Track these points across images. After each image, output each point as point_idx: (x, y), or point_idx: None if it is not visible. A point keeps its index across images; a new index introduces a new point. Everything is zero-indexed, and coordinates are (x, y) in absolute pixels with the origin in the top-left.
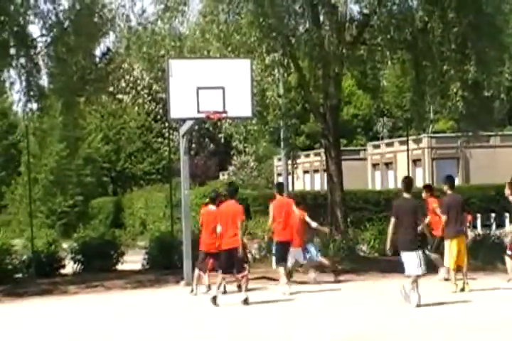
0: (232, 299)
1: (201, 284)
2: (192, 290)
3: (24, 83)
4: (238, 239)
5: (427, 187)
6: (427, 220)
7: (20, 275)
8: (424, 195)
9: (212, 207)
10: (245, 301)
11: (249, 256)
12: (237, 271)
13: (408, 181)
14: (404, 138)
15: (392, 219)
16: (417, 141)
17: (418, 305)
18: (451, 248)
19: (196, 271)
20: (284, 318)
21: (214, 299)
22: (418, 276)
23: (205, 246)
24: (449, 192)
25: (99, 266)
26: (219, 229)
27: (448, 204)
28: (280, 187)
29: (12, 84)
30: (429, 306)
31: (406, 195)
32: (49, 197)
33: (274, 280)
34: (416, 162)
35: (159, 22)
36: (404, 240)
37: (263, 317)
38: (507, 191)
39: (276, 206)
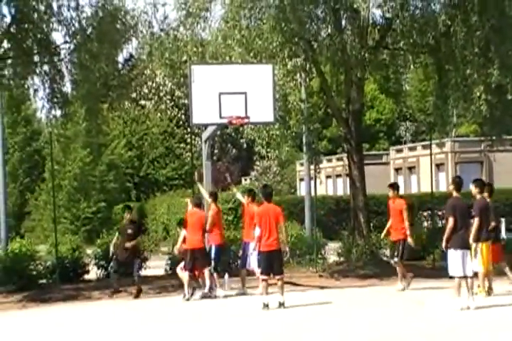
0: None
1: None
2: (184, 296)
3: (48, 90)
4: (279, 241)
5: (392, 186)
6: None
7: (44, 281)
8: (390, 194)
9: (196, 209)
10: (282, 304)
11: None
12: (275, 273)
13: (459, 181)
14: (427, 143)
15: (451, 219)
16: (440, 145)
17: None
18: (482, 252)
19: (185, 273)
20: (309, 321)
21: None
22: (465, 277)
23: (191, 244)
24: (478, 196)
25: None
26: (258, 231)
27: (480, 208)
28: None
29: (36, 91)
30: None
31: (457, 195)
32: (73, 203)
33: (298, 285)
34: (439, 166)
35: (181, 28)
36: (458, 239)
37: (295, 320)
38: None
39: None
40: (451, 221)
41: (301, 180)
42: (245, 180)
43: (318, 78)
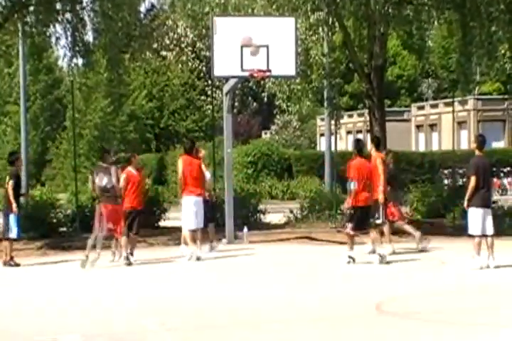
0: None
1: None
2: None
3: (70, 38)
4: (370, 197)
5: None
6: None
7: (64, 229)
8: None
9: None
10: (382, 259)
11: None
12: (367, 228)
13: (482, 139)
14: (449, 100)
15: (474, 177)
16: (463, 103)
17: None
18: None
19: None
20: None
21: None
22: (485, 236)
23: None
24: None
25: (142, 222)
26: (353, 185)
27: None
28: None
29: (58, 39)
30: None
31: (479, 153)
32: (93, 152)
33: (317, 240)
34: (461, 124)
35: None
36: (479, 197)
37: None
38: None
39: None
40: (473, 180)
41: (322, 135)
42: (265, 133)
43: (340, 32)
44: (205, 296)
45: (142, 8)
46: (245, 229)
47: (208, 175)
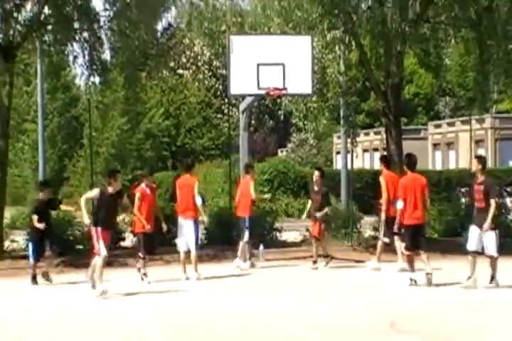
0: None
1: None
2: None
3: (87, 57)
4: (424, 215)
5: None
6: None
7: (81, 246)
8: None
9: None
10: (429, 275)
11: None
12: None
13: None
14: (467, 118)
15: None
16: (480, 121)
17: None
18: None
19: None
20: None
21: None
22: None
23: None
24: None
25: (158, 240)
26: (399, 205)
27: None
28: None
29: (75, 57)
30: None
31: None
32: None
33: (334, 258)
34: (478, 142)
35: None
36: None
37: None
38: None
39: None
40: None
41: (338, 153)
42: (281, 152)
43: (357, 51)
44: (223, 309)
45: (159, 27)
46: (261, 247)
47: (198, 200)
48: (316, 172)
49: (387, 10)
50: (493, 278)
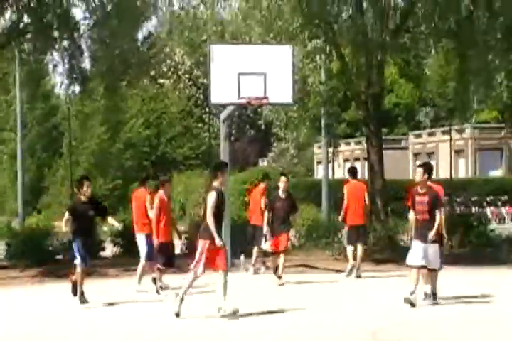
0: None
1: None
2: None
3: (67, 65)
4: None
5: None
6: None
7: (60, 256)
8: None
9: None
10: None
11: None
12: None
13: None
14: (447, 128)
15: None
16: (460, 131)
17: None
18: None
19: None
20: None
21: None
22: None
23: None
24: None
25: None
26: (410, 215)
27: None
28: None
29: (55, 66)
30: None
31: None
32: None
33: (315, 268)
34: (459, 152)
35: (201, 7)
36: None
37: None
38: None
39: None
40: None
41: (319, 163)
42: (262, 161)
43: (338, 60)
44: (195, 326)
45: (139, 36)
46: (242, 257)
47: (150, 213)
48: (283, 178)
49: (367, 20)
50: (433, 294)
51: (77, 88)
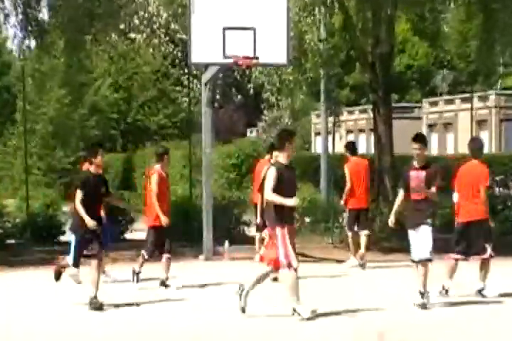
0: None
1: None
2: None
3: (21, 16)
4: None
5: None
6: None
7: (13, 241)
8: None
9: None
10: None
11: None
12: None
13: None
14: (468, 95)
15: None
16: (483, 99)
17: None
18: None
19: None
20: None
21: None
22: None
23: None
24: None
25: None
26: (454, 197)
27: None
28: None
29: (7, 16)
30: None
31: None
32: (48, 151)
33: (311, 257)
34: (481, 123)
35: None
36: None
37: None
38: None
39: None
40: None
41: (317, 134)
42: (251, 132)
43: (340, 14)
44: (173, 324)
45: None
46: (226, 244)
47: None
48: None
49: None
50: (421, 293)
51: (32, 42)
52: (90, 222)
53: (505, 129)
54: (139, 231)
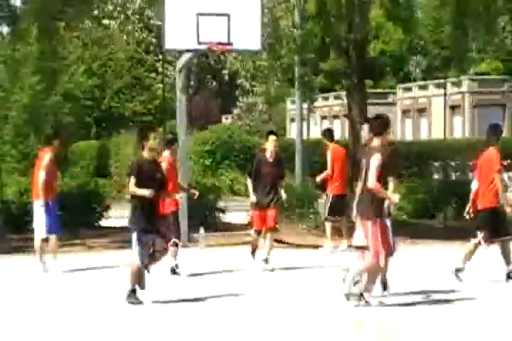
0: None
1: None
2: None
3: None
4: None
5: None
6: None
7: None
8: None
9: None
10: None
11: None
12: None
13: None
14: (441, 81)
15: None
16: (457, 84)
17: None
18: None
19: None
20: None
21: None
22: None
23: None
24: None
25: (79, 222)
26: (475, 185)
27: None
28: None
29: None
30: None
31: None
32: (21, 138)
33: (286, 243)
34: (454, 109)
35: None
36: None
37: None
38: None
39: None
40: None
41: (292, 120)
42: (226, 118)
43: (315, 0)
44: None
45: None
46: (202, 231)
47: (41, 176)
48: (273, 137)
49: None
50: (383, 283)
51: (5, 29)
52: (146, 192)
53: (478, 114)
54: (115, 219)
